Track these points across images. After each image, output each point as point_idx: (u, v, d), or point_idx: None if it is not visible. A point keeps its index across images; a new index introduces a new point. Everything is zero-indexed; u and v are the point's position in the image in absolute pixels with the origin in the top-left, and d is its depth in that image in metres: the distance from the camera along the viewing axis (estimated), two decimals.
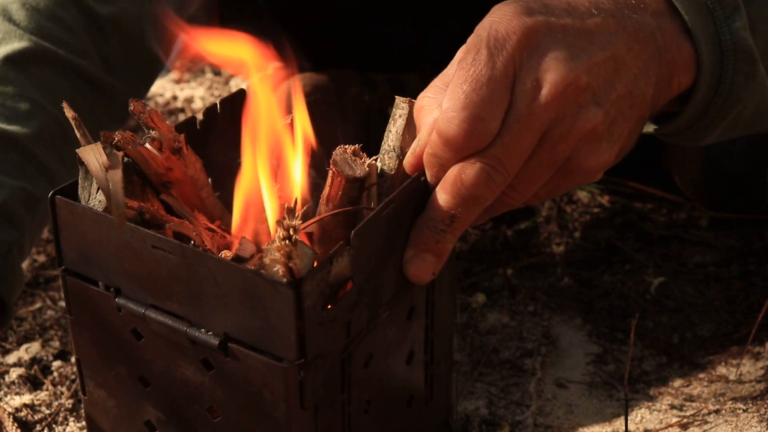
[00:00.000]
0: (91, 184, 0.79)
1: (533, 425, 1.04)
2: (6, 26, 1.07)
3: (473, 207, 0.75)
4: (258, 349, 0.73)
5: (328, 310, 0.72)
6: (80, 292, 0.81)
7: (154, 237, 0.75)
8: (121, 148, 0.79)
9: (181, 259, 0.74)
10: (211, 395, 0.78)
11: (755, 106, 0.85)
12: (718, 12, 0.80)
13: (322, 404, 0.75)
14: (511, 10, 0.76)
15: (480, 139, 0.74)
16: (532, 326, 1.18)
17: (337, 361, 0.76)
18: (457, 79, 0.75)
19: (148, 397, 0.82)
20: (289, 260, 0.68)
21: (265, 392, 0.74)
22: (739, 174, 1.29)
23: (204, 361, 0.77)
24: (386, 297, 0.79)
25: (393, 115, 0.81)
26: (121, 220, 0.74)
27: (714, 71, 0.81)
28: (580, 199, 1.42)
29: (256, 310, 0.72)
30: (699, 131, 0.85)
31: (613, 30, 0.77)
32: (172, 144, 0.81)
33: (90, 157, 0.76)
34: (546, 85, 0.74)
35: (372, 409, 0.82)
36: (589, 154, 0.76)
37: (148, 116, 0.81)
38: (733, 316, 1.20)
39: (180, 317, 0.77)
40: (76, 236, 0.79)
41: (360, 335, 0.77)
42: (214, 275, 0.73)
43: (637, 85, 0.77)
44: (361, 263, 0.74)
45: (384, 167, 0.81)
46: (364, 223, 0.73)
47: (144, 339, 0.79)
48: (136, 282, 0.77)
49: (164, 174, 0.82)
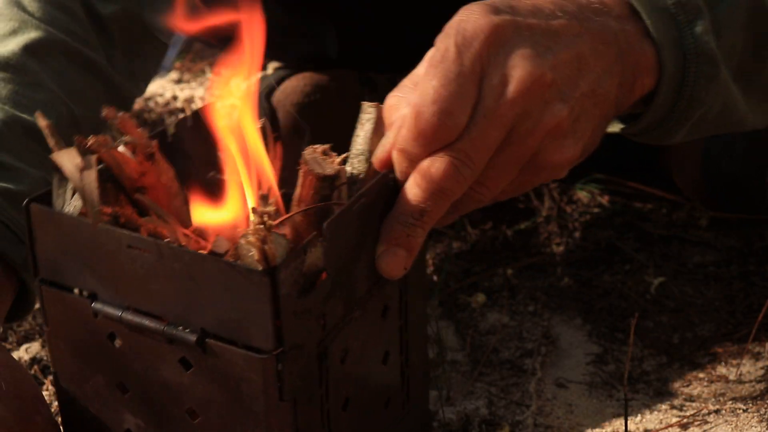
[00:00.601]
0: (66, 190, 0.80)
1: (533, 425, 1.04)
2: (21, 15, 1.08)
3: (442, 200, 0.77)
4: (235, 342, 0.74)
5: (303, 299, 0.73)
6: (57, 301, 0.81)
7: (129, 236, 0.75)
8: (95, 152, 0.79)
9: (157, 257, 0.74)
10: (191, 395, 0.78)
11: (720, 108, 0.87)
12: (680, 16, 0.82)
13: (300, 397, 0.76)
14: (479, 9, 0.77)
15: (448, 133, 0.75)
16: (532, 326, 1.18)
17: (314, 355, 0.76)
18: (426, 75, 0.76)
19: (127, 404, 0.81)
20: (263, 244, 0.69)
21: (244, 386, 0.75)
22: (738, 174, 1.29)
23: (182, 361, 0.77)
24: (360, 292, 0.80)
25: (360, 120, 0.82)
26: (96, 219, 0.75)
27: (676, 75, 0.82)
28: (580, 199, 1.42)
29: (233, 302, 0.72)
30: (664, 131, 0.87)
31: (577, 32, 0.79)
32: (145, 149, 0.82)
33: (65, 161, 0.77)
34: (513, 81, 0.76)
35: (350, 408, 0.83)
36: (555, 150, 0.78)
37: (121, 122, 0.82)
38: (733, 316, 1.20)
39: (157, 317, 0.77)
40: (51, 244, 0.79)
41: (335, 330, 0.78)
42: (189, 270, 0.73)
43: (600, 84, 0.79)
44: (333, 255, 0.75)
45: (353, 171, 0.82)
46: (336, 215, 0.75)
47: (121, 343, 0.79)
48: (112, 285, 0.78)
49: (138, 178, 0.82)
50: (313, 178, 0.79)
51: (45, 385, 1.10)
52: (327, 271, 0.75)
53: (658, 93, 0.83)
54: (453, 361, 1.13)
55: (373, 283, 0.82)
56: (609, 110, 0.81)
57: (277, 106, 1.38)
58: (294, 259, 0.72)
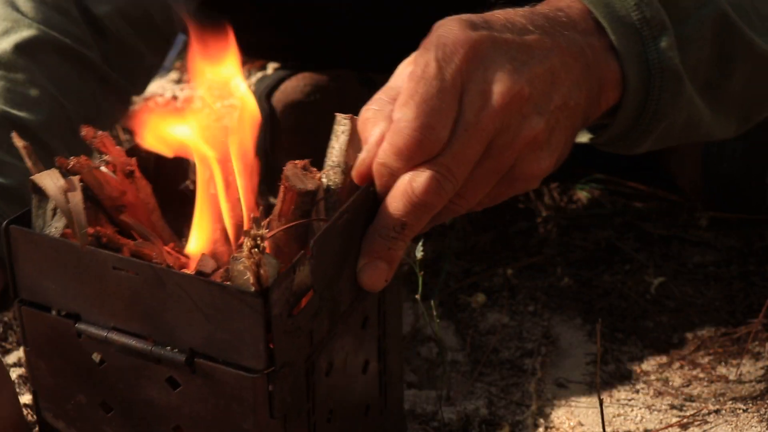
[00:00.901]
0: (46, 211, 0.79)
1: (533, 425, 1.04)
2: (14, 15, 1.09)
3: (423, 214, 0.77)
4: (225, 362, 0.74)
5: (292, 318, 0.74)
6: (37, 322, 0.81)
7: (115, 258, 0.75)
8: (77, 173, 0.79)
9: (144, 278, 0.74)
10: (177, 414, 0.78)
11: (685, 121, 0.89)
12: (645, 32, 0.84)
13: (290, 414, 0.76)
14: (457, 24, 0.79)
15: (430, 148, 0.76)
16: (532, 326, 1.18)
17: (302, 370, 0.77)
18: (408, 90, 0.77)
19: (111, 423, 0.81)
20: (258, 268, 0.70)
21: (234, 404, 0.75)
22: (738, 174, 1.29)
23: (169, 380, 0.77)
24: (344, 306, 0.81)
25: (335, 132, 0.83)
26: (84, 240, 0.74)
27: (640, 89, 0.84)
28: (580, 199, 1.42)
29: (223, 322, 0.72)
30: (630, 142, 0.89)
31: (549, 46, 0.80)
32: (125, 167, 0.83)
33: (47, 182, 0.77)
34: (492, 96, 0.77)
35: (334, 418, 0.84)
36: (531, 162, 0.80)
37: (100, 141, 0.83)
38: (733, 316, 1.20)
39: (143, 337, 0.77)
40: (32, 265, 0.79)
41: (321, 344, 0.79)
42: (178, 291, 0.73)
43: (571, 96, 0.81)
44: (320, 272, 0.76)
45: (330, 183, 0.82)
46: (322, 232, 0.75)
47: (106, 363, 0.79)
48: (97, 306, 0.77)
49: (118, 197, 0.83)
50: (294, 193, 0.80)
51: None
52: (314, 289, 0.76)
53: (623, 106, 0.85)
54: (453, 361, 1.13)
55: (355, 296, 0.82)
56: (578, 121, 0.83)
57: (276, 106, 1.38)
58: (284, 279, 0.72)
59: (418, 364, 1.13)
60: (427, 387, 1.10)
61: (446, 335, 1.17)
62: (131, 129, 0.84)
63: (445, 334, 1.17)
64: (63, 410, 0.83)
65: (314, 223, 0.81)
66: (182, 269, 0.82)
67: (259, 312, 0.71)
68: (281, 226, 0.81)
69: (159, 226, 0.87)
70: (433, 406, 1.04)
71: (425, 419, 1.03)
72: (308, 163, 0.82)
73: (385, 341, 0.90)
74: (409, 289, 1.21)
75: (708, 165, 1.30)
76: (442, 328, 1.18)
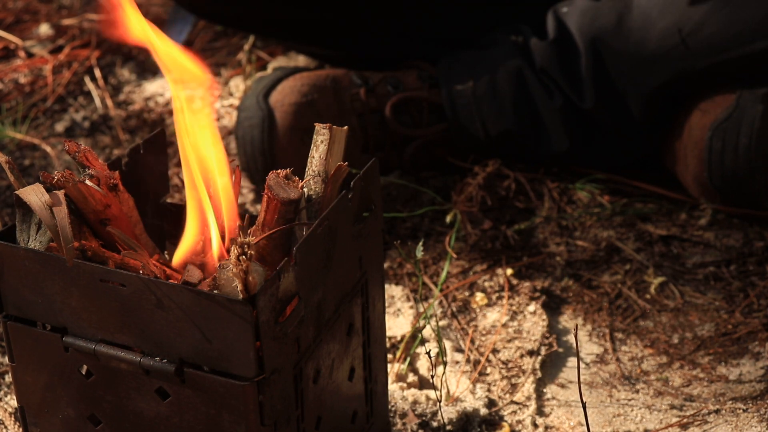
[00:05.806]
0: (30, 226, 0.79)
1: (533, 425, 1.03)
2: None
3: None
4: (215, 370, 0.74)
5: (279, 324, 0.74)
6: (23, 337, 0.81)
7: (102, 270, 0.75)
8: (62, 187, 0.79)
9: (132, 289, 0.74)
10: (167, 425, 0.78)
11: None
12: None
13: (280, 420, 0.76)
14: None
15: None
16: (532, 326, 1.18)
17: (290, 377, 0.77)
18: None
19: None
20: (246, 275, 0.70)
21: (225, 413, 0.75)
22: (740, 169, 1.29)
23: (159, 391, 0.77)
24: (328, 313, 0.82)
25: (315, 141, 0.84)
26: (71, 254, 0.74)
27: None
28: (580, 199, 1.42)
29: (212, 331, 0.73)
30: None
31: None
32: (108, 181, 0.83)
33: (32, 197, 0.77)
34: None
35: (322, 425, 0.84)
36: None
37: (83, 155, 0.83)
38: (733, 316, 1.19)
39: (132, 349, 0.77)
40: (17, 280, 0.79)
41: (308, 350, 0.79)
42: (166, 302, 0.73)
43: None
44: (304, 279, 0.76)
45: (311, 192, 0.83)
46: (304, 239, 0.76)
47: (94, 376, 0.79)
48: (85, 319, 0.77)
49: (102, 211, 0.83)
50: (278, 202, 0.80)
51: None
52: (299, 295, 0.76)
53: None
54: (453, 361, 1.13)
55: (339, 303, 0.83)
56: None
57: (274, 106, 1.38)
58: (270, 285, 0.73)
59: (418, 364, 1.13)
60: (427, 387, 1.10)
61: (446, 335, 1.17)
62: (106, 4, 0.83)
63: (445, 334, 1.17)
64: (51, 424, 0.83)
65: (296, 232, 0.82)
66: (169, 280, 0.82)
67: (248, 320, 0.71)
68: (265, 234, 0.81)
69: (143, 239, 0.87)
70: (433, 406, 1.04)
71: (425, 419, 1.03)
72: (290, 171, 0.83)
73: (369, 348, 0.91)
74: (409, 289, 1.21)
75: (711, 160, 1.30)
76: (442, 328, 1.18)
